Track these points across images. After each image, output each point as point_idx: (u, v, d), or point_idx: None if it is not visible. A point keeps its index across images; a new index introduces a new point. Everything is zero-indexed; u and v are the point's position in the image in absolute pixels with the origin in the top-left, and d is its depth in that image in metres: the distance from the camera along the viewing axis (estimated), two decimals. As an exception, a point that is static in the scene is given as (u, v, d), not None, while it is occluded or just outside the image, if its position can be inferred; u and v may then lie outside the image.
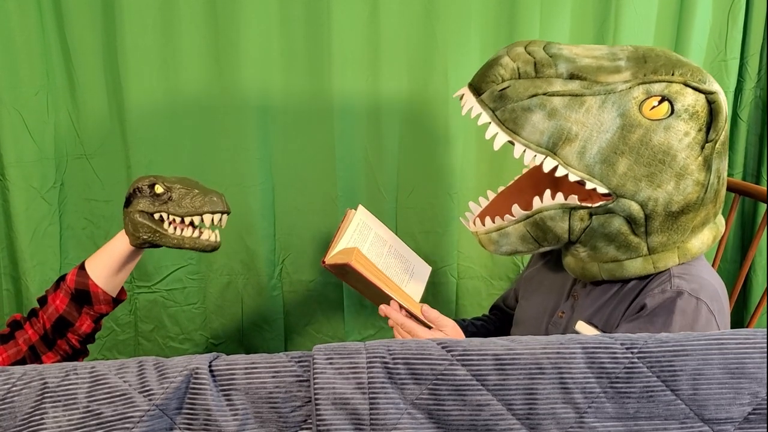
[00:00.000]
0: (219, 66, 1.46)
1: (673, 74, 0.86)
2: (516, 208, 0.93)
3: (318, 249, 1.60)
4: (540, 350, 0.60)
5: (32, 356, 1.05)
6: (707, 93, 0.87)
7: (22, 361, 1.03)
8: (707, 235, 0.95)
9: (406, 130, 1.52)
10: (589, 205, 0.90)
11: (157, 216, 1.04)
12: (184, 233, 1.04)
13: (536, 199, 0.91)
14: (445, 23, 1.44)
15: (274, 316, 1.62)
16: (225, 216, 1.04)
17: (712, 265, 1.13)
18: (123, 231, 1.07)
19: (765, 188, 1.23)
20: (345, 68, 1.47)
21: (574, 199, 0.90)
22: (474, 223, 0.99)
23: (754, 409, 0.60)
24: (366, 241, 1.04)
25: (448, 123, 1.49)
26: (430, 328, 1.00)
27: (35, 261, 1.53)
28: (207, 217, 1.02)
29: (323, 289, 1.63)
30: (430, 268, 1.13)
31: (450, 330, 1.00)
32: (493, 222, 0.95)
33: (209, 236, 1.05)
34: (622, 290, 0.96)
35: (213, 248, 1.05)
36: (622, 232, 0.90)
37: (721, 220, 1.00)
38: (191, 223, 1.05)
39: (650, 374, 0.60)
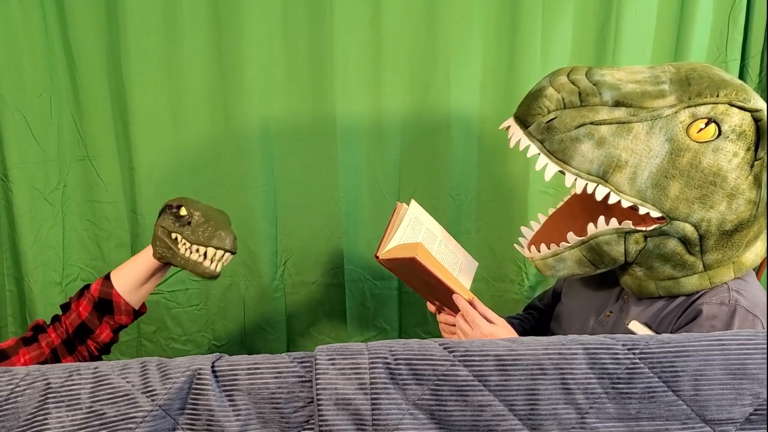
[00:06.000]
0: (222, 68, 1.47)
1: (717, 95, 0.86)
2: (571, 235, 0.93)
3: (320, 250, 1.60)
4: (542, 351, 0.60)
5: (54, 359, 1.08)
6: (753, 111, 0.87)
7: (44, 363, 1.05)
8: (760, 247, 0.96)
9: (408, 132, 1.52)
10: (644, 228, 0.90)
11: (174, 236, 1.09)
12: (191, 256, 1.09)
13: (590, 225, 0.92)
14: (446, 26, 1.44)
15: (276, 317, 1.63)
16: (228, 255, 1.09)
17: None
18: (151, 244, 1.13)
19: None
20: (347, 71, 1.47)
21: (628, 224, 0.90)
22: (529, 249, 0.99)
23: (755, 410, 0.60)
24: (418, 236, 1.05)
25: (449, 125, 1.49)
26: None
27: (38, 262, 1.53)
28: (210, 250, 1.07)
29: (325, 291, 1.63)
30: (477, 263, 1.14)
31: (501, 325, 1.00)
32: (549, 248, 0.96)
33: (210, 265, 1.09)
34: (675, 300, 0.96)
35: (211, 276, 1.10)
36: (677, 252, 0.91)
37: None
38: (198, 250, 1.09)
39: (652, 375, 0.60)
